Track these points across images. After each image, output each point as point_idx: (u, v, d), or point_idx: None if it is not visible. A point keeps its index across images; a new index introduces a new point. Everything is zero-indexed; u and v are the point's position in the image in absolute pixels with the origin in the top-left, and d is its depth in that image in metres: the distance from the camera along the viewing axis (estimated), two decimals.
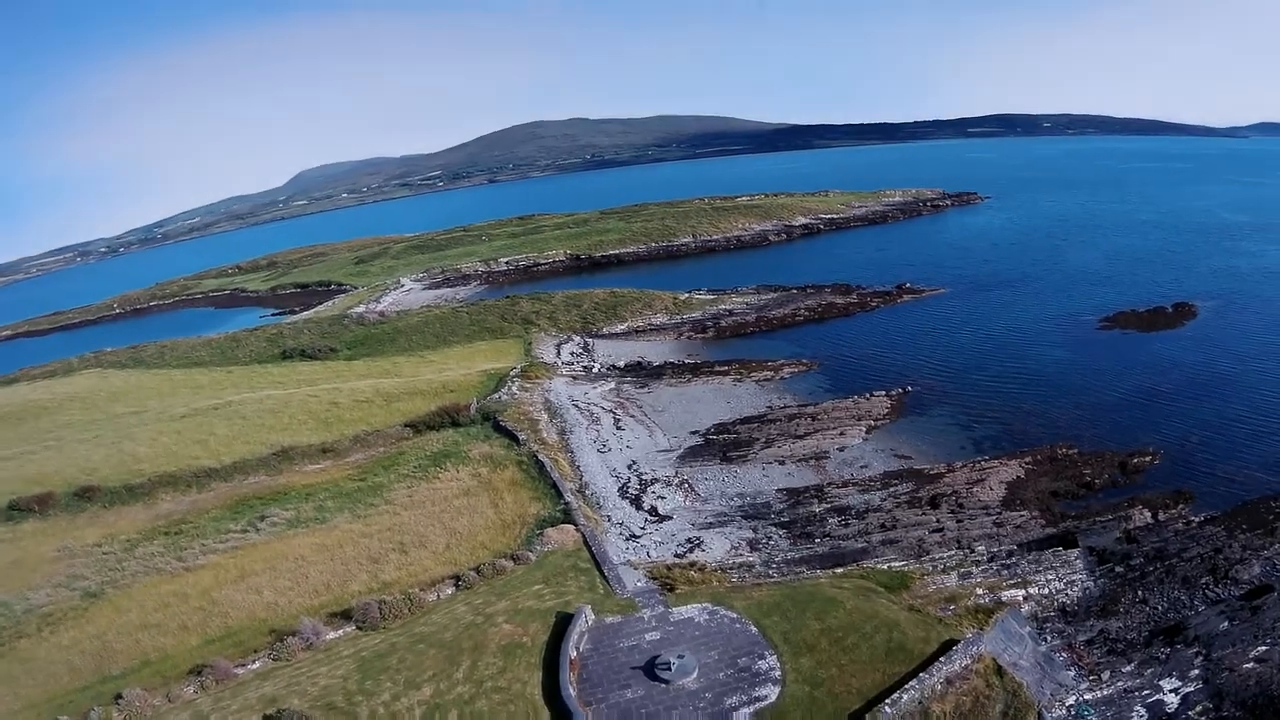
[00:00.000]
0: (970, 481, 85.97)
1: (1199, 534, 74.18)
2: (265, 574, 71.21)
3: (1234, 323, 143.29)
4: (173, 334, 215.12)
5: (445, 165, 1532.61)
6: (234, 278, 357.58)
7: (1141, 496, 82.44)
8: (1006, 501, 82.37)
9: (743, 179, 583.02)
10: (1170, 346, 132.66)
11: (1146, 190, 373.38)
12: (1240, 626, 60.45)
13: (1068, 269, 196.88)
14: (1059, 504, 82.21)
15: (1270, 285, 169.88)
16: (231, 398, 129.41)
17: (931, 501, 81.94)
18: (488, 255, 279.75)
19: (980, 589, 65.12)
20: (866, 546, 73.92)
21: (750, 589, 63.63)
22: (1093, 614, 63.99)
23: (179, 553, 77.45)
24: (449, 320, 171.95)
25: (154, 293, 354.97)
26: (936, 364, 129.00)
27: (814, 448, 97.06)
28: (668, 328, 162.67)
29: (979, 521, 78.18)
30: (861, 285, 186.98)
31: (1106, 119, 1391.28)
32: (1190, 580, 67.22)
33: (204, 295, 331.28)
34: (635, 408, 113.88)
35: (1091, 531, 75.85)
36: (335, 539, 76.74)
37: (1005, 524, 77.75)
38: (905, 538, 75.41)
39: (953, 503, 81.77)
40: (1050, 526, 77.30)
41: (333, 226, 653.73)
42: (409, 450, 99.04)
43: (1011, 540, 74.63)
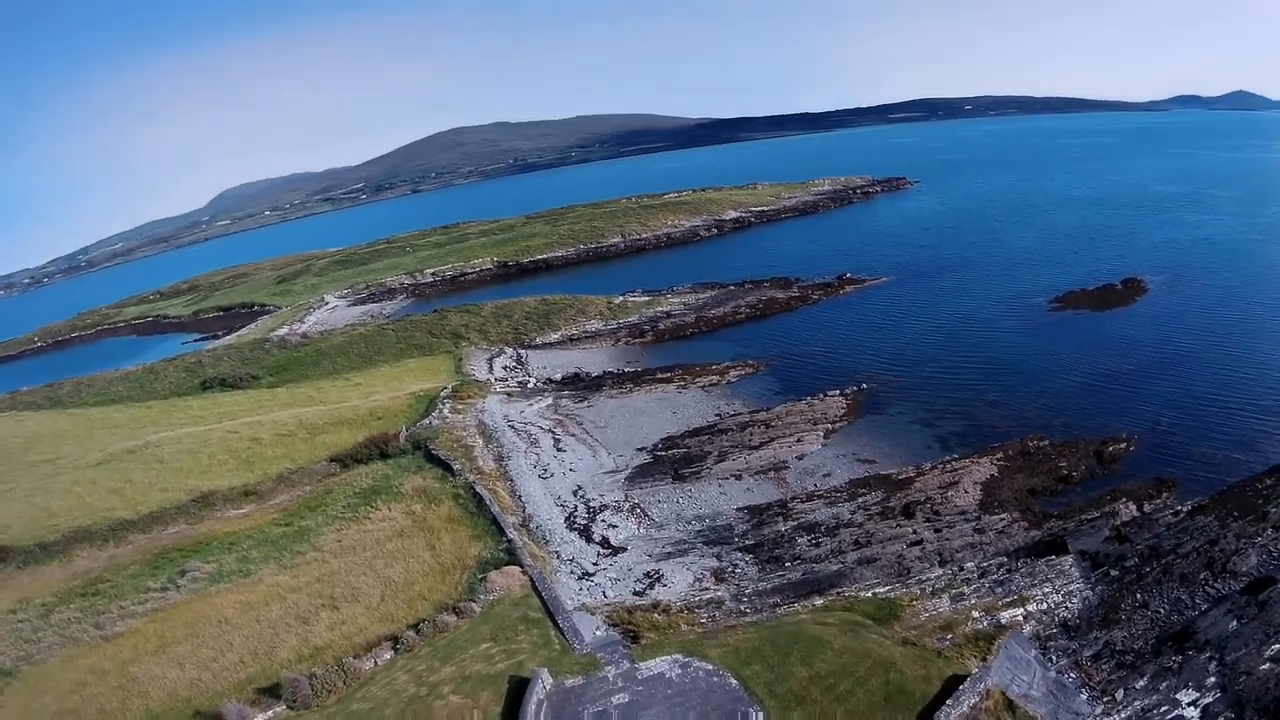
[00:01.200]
0: (943, 485, 79.91)
1: (1190, 526, 69.27)
2: (187, 642, 63.29)
3: (1185, 296, 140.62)
4: (94, 366, 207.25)
5: (368, 177, 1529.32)
6: (155, 304, 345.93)
7: (1123, 487, 77.84)
8: (984, 504, 76.53)
9: (669, 175, 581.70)
10: (1126, 325, 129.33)
11: (1075, 167, 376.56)
12: (1250, 625, 55.70)
13: (1008, 250, 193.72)
14: (1039, 503, 76.93)
15: (1213, 256, 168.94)
16: (150, 438, 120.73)
17: (905, 511, 75.61)
18: (413, 267, 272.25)
19: (976, 611, 58.89)
20: (842, 568, 67.24)
21: (724, 632, 56.61)
22: (1095, 625, 58.76)
23: (96, 618, 69.32)
24: (374, 339, 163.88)
25: (75, 323, 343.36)
26: (889, 357, 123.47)
27: (771, 458, 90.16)
28: (604, 334, 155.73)
29: (959, 530, 72.20)
30: (801, 278, 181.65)
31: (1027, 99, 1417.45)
32: (1189, 577, 62.53)
33: (126, 323, 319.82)
34: (576, 425, 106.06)
35: (1080, 533, 70.43)
36: (261, 595, 68.88)
37: (987, 530, 71.91)
38: (883, 555, 69.02)
39: (928, 510, 75.58)
40: (1034, 529, 71.79)
41: (256, 245, 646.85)
42: (336, 488, 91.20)
43: (996, 548, 68.86)
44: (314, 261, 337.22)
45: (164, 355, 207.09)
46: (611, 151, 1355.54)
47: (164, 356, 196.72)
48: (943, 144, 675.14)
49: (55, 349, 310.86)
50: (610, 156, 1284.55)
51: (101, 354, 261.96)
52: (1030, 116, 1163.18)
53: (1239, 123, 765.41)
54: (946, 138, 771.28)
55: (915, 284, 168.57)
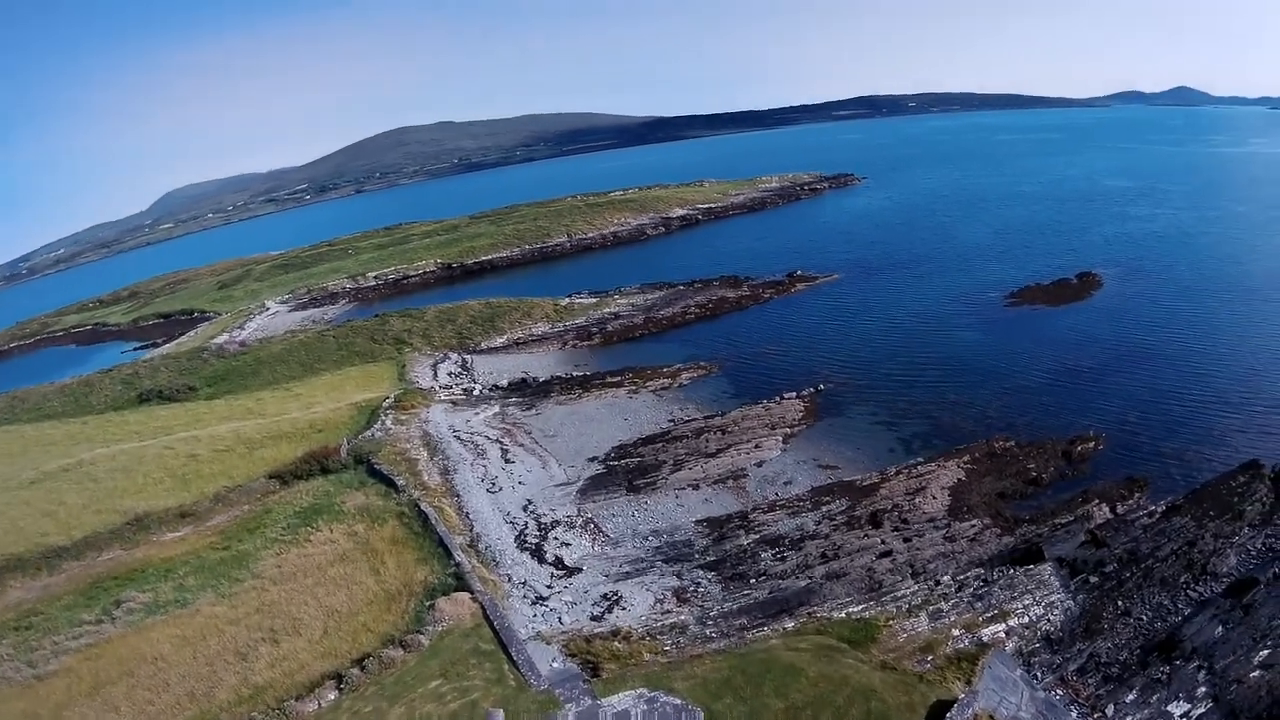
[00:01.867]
0: (909, 491, 76.53)
1: (1167, 527, 67.24)
2: (122, 682, 58.72)
3: (1140, 290, 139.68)
4: (33, 378, 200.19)
5: (311, 178, 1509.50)
6: (95, 311, 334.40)
7: (1095, 488, 75.44)
8: (953, 510, 73.35)
9: (614, 173, 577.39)
10: (1084, 320, 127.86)
11: (1022, 162, 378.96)
12: (1236, 631, 54.41)
13: (959, 246, 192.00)
14: (1010, 507, 74.13)
15: (1166, 249, 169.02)
16: (84, 455, 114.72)
17: (872, 519, 72.06)
18: (355, 270, 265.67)
19: (956, 629, 55.67)
20: (811, 584, 63.39)
21: (690, 661, 52.60)
22: (1078, 637, 56.21)
23: (29, 654, 64.25)
24: (315, 346, 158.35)
25: (14, 333, 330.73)
26: (845, 357, 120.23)
27: (729, 466, 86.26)
28: (550, 337, 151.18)
29: (929, 539, 68.90)
30: (751, 276, 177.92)
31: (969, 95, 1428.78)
32: (1169, 581, 60.71)
33: (65, 332, 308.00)
34: (524, 434, 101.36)
35: (1055, 538, 67.68)
36: (198, 628, 64.18)
37: (958, 538, 68.78)
38: (852, 568, 65.40)
39: (895, 519, 72.16)
40: (1007, 535, 68.90)
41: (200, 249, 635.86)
42: (276, 507, 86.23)
43: (969, 558, 65.79)
44: (254, 266, 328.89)
45: (103, 365, 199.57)
46: (556, 150, 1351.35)
47: (102, 367, 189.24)
48: (888, 140, 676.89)
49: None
50: (555, 155, 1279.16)
51: (40, 365, 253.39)
52: (973, 113, 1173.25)
53: (1182, 118, 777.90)
54: (891, 134, 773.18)
55: (867, 281, 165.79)
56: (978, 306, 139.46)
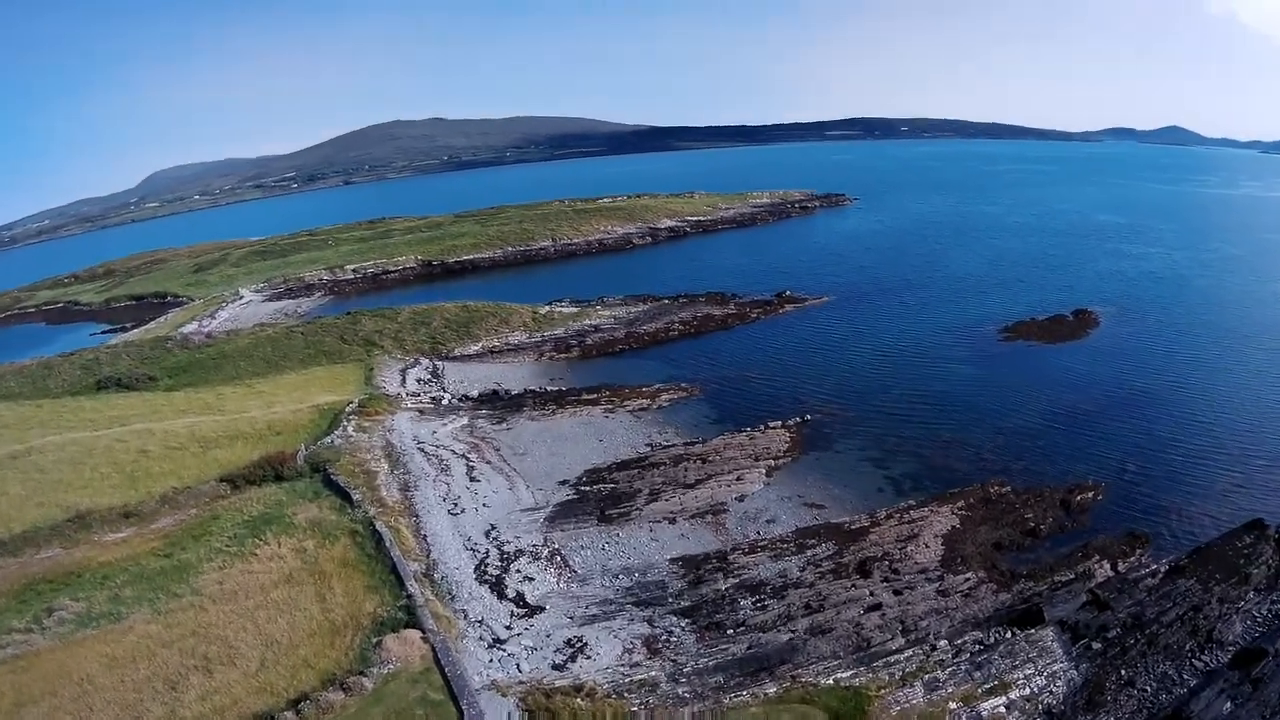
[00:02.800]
0: (900, 538, 71.47)
1: (1172, 590, 62.73)
2: (45, 702, 53.54)
3: (1136, 331, 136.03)
4: (4, 353, 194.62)
5: (300, 167, 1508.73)
6: (69, 288, 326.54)
7: (1095, 542, 70.84)
8: (946, 561, 68.30)
9: (604, 180, 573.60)
10: (1080, 359, 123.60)
11: (1014, 192, 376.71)
12: (1246, 708, 50.59)
13: (951, 275, 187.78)
14: (1006, 559, 69.32)
15: (1160, 290, 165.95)
16: (35, 442, 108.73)
17: (860, 568, 66.95)
18: (334, 262, 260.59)
19: (954, 702, 50.68)
20: (794, 640, 58.09)
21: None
22: (1080, 710, 51.60)
23: None
24: (282, 342, 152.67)
25: None
26: (833, 385, 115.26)
27: (708, 499, 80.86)
28: (527, 347, 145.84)
29: (921, 592, 63.87)
30: (739, 294, 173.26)
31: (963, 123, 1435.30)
32: (1174, 649, 56.61)
33: (37, 309, 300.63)
34: (492, 450, 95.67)
35: (1055, 598, 62.94)
36: (129, 648, 58.77)
37: (951, 593, 63.76)
38: (838, 623, 60.20)
39: (885, 568, 67.01)
40: (1004, 591, 64.04)
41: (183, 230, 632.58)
42: (224, 513, 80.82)
43: (964, 615, 60.99)
44: (231, 251, 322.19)
45: (70, 347, 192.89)
46: (547, 154, 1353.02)
47: (67, 349, 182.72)
48: (881, 163, 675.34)
49: None
50: (546, 159, 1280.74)
51: (6, 341, 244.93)
52: (965, 140, 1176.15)
53: (1174, 157, 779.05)
54: (884, 157, 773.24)
55: (858, 306, 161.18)
56: (971, 339, 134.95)
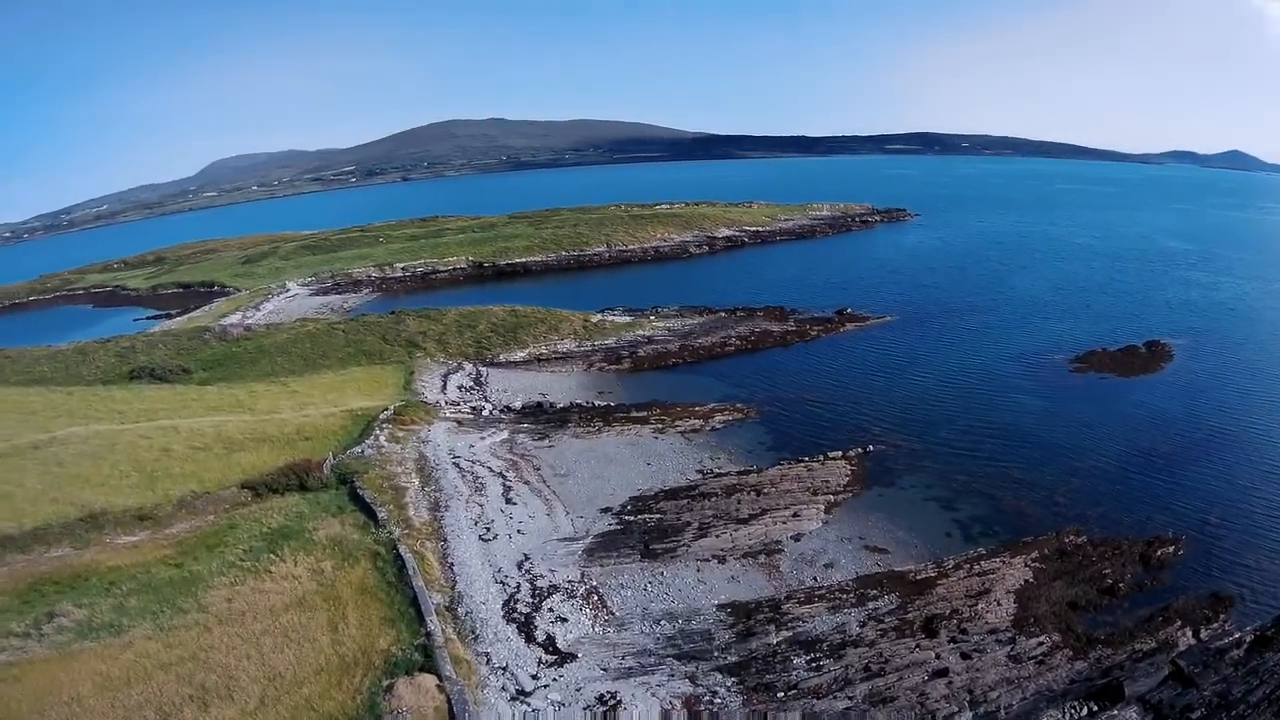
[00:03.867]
0: (970, 592, 65.06)
1: (1259, 665, 55.30)
2: None
3: (1210, 367, 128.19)
4: (42, 336, 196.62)
5: (360, 161, 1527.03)
6: (118, 273, 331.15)
7: (1176, 605, 63.84)
8: (1019, 622, 61.77)
9: (662, 186, 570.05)
10: (1154, 395, 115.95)
11: (1077, 213, 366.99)
12: None
13: (1017, 298, 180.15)
14: (1083, 621, 62.59)
15: (1232, 323, 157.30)
16: (59, 432, 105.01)
17: (926, 626, 60.63)
18: (383, 259, 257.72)
19: None
20: (851, 709, 51.99)
21: None
22: None
23: None
24: (322, 340, 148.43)
25: (34, 286, 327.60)
26: (896, 413, 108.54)
27: (762, 537, 74.49)
28: (576, 356, 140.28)
29: (991, 657, 57.47)
30: (798, 309, 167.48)
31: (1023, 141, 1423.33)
32: None
33: (85, 291, 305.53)
34: (532, 469, 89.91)
35: (1135, 671, 55.75)
36: (124, 668, 53.97)
37: (1024, 659, 57.31)
38: (900, 690, 53.96)
39: (953, 627, 60.68)
40: (1079, 659, 57.37)
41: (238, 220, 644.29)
42: (242, 523, 76.03)
43: (1038, 686, 54.36)
44: (281, 244, 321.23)
45: (115, 330, 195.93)
46: (605, 157, 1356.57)
47: (106, 335, 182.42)
48: (941, 179, 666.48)
49: (9, 312, 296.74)
50: (604, 162, 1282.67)
51: (53, 322, 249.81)
52: (1026, 159, 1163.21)
53: (1238, 182, 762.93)
54: (944, 173, 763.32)
55: (920, 327, 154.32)
56: (1040, 369, 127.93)
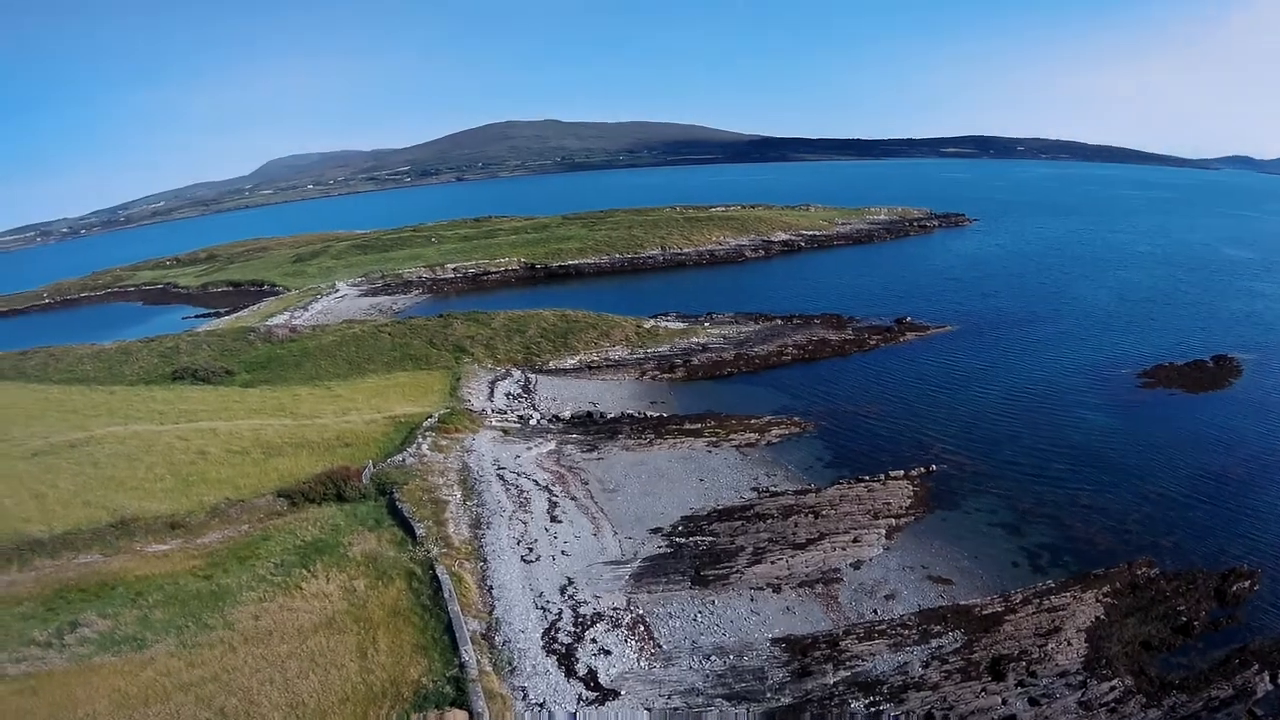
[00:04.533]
0: (1039, 630, 60.75)
1: None
2: None
3: None
4: (92, 332, 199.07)
5: (414, 161, 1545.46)
6: (170, 270, 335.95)
7: (1252, 646, 59.84)
8: (1090, 663, 57.61)
9: (717, 188, 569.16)
10: (1224, 413, 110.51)
11: (1136, 220, 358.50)
12: None
13: (1079, 308, 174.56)
14: (1156, 663, 58.59)
15: None
16: (97, 431, 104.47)
17: (993, 668, 56.48)
18: (435, 260, 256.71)
19: None
20: None
21: None
22: None
23: None
24: (367, 342, 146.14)
25: (87, 282, 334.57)
26: (959, 430, 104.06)
27: (820, 564, 70.29)
28: (628, 363, 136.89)
29: (1061, 703, 53.39)
30: (856, 317, 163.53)
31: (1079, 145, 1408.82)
32: None
33: (137, 288, 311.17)
34: (579, 484, 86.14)
35: None
36: (143, 685, 51.39)
37: (1095, 706, 53.34)
38: None
39: (1021, 669, 56.50)
40: (1154, 706, 53.48)
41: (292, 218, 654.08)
42: (275, 534, 73.52)
43: None
44: (333, 243, 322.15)
45: (163, 328, 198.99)
46: (660, 159, 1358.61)
47: (158, 332, 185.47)
48: (998, 183, 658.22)
49: (63, 307, 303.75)
50: (659, 164, 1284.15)
51: (103, 319, 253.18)
52: (1082, 163, 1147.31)
53: None
54: (1001, 177, 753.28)
55: (982, 338, 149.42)
56: (1106, 383, 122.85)
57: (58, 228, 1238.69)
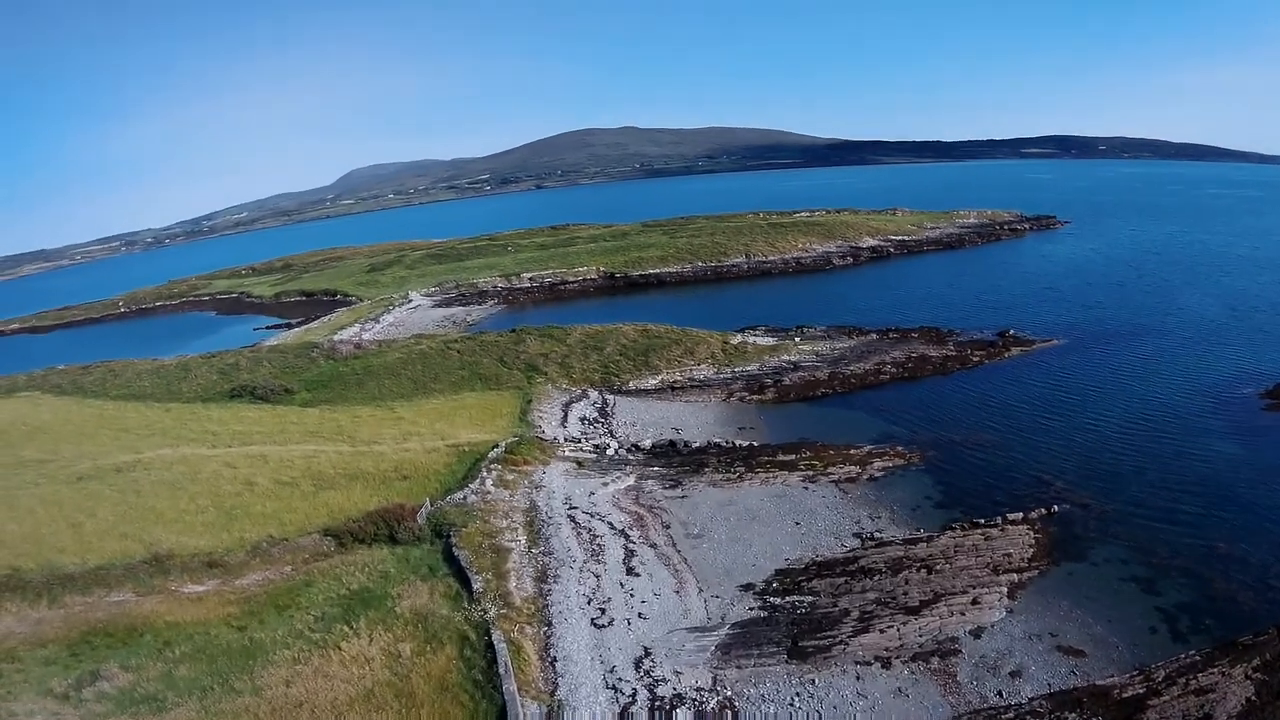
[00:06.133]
0: (1186, 716, 51.75)
1: None
2: None
3: None
4: (165, 341, 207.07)
5: (494, 169, 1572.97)
6: (245, 279, 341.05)
7: None
8: None
9: (799, 193, 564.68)
10: None
11: (1230, 220, 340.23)
12: None
13: (1188, 319, 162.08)
14: None
15: None
16: (145, 454, 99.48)
17: None
18: (510, 269, 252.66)
19: None
20: None
21: None
22: None
23: None
24: (434, 360, 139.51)
25: (161, 292, 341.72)
26: (1078, 462, 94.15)
27: (935, 631, 60.81)
28: (714, 384, 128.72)
29: None
30: (955, 330, 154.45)
31: (1161, 143, 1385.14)
32: None
33: (211, 298, 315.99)
34: (660, 527, 77.61)
35: None
36: None
37: None
38: None
39: None
40: None
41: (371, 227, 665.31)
42: (319, 579, 67.08)
43: None
44: (409, 252, 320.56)
45: (236, 338, 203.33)
46: (739, 164, 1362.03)
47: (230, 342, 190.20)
48: (1083, 183, 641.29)
49: (137, 316, 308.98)
50: (737, 169, 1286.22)
51: (175, 329, 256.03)
52: (1165, 161, 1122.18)
53: None
54: (1086, 176, 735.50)
55: (1090, 354, 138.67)
56: (1229, 405, 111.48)
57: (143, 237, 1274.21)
